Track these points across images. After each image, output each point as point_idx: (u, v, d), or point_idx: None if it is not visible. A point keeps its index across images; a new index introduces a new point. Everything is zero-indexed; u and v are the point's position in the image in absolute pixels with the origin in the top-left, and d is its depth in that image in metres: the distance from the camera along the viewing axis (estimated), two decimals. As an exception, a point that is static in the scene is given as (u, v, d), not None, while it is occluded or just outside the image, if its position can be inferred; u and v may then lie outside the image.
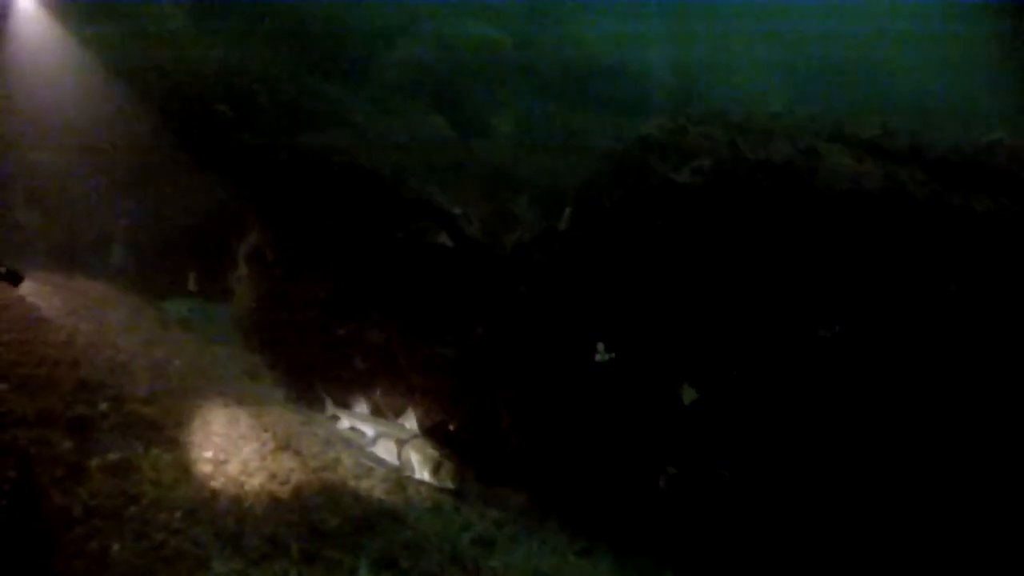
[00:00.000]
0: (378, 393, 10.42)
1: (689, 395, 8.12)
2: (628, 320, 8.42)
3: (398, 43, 19.67)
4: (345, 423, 10.23)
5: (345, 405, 10.48)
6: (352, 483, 8.67)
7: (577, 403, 8.72)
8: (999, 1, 18.32)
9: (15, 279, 5.51)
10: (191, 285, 12.98)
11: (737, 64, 22.53)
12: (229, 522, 7.45)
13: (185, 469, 7.98)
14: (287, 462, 8.51)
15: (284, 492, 7.99)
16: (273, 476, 8.19)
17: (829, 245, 8.05)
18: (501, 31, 21.19)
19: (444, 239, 10.71)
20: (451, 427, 9.91)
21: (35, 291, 9.93)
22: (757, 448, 8.02)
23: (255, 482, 8.05)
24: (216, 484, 7.89)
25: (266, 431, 8.99)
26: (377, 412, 10.34)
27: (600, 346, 8.37)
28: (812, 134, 9.38)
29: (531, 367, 9.36)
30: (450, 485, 9.18)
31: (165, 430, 8.39)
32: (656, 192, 8.70)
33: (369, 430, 9.95)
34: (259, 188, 12.38)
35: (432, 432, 9.83)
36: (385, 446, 9.57)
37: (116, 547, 6.80)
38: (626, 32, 22.76)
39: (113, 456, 7.79)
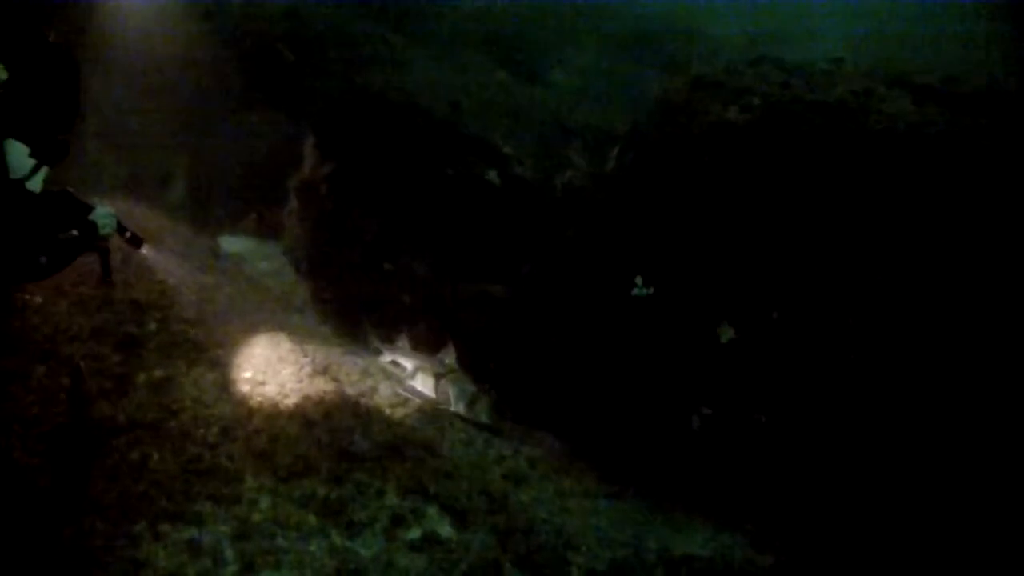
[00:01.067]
0: (422, 328, 10.49)
1: (727, 334, 7.97)
2: (670, 258, 8.29)
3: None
4: (387, 356, 10.33)
5: (389, 339, 10.57)
6: (386, 411, 8.76)
7: (616, 341, 8.64)
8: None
9: (137, 242, 5.70)
10: (248, 225, 13.23)
11: (815, 34, 21.82)
12: (263, 440, 7.60)
13: (224, 388, 8.16)
14: (323, 386, 8.62)
15: (317, 414, 8.11)
16: (308, 398, 8.31)
17: (882, 188, 7.76)
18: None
19: (493, 177, 10.68)
20: (491, 364, 9.92)
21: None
22: (794, 394, 7.85)
23: (290, 403, 8.19)
24: (253, 403, 8.06)
25: (306, 356, 9.13)
26: (419, 347, 10.40)
27: (638, 280, 8.25)
28: (871, 78, 9.02)
29: (575, 307, 9.30)
30: (485, 420, 9.22)
31: (208, 351, 8.59)
32: (703, 129, 8.51)
33: (409, 364, 10.03)
34: (313, 124, 12.48)
35: (471, 368, 9.86)
36: (424, 379, 9.65)
37: (156, 457, 7.02)
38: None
39: (158, 373, 8.03)
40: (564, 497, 8.48)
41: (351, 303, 11.19)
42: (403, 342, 10.50)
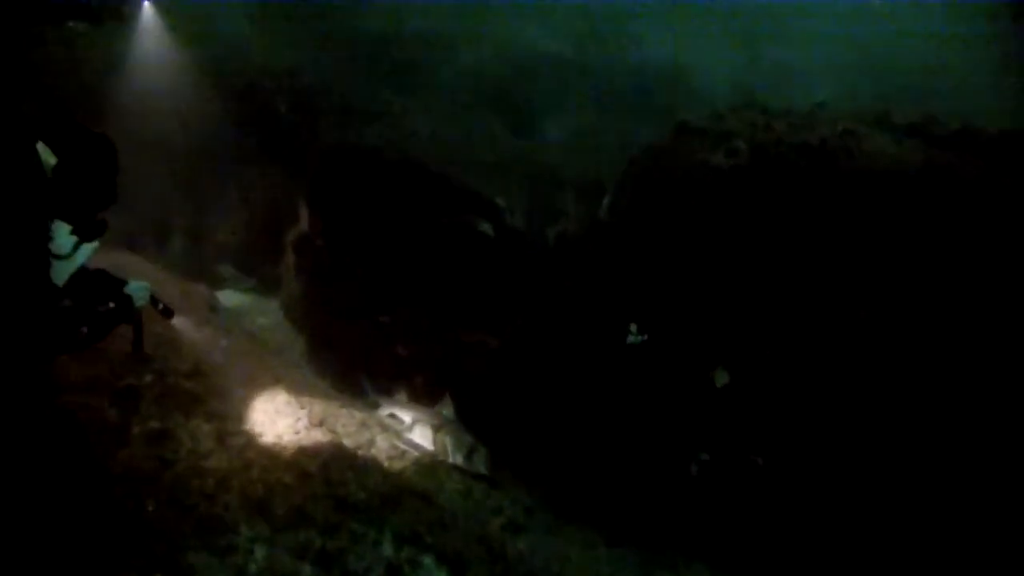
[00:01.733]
0: (419, 380, 10.52)
1: (722, 379, 7.99)
2: (662, 303, 8.35)
3: (458, 48, 19.93)
4: (385, 409, 10.33)
5: (386, 392, 10.59)
6: (383, 463, 8.75)
7: (612, 389, 8.66)
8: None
9: (169, 314, 6.00)
10: (227, 274, 13.31)
11: (802, 67, 22.18)
12: (258, 490, 7.56)
13: (221, 439, 8.14)
14: (320, 438, 8.61)
15: (314, 466, 8.08)
16: (305, 450, 8.29)
17: (867, 226, 7.87)
18: (561, 36, 21.33)
19: (487, 229, 10.79)
20: (488, 415, 9.92)
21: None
22: (791, 434, 7.85)
23: (287, 455, 8.17)
24: (250, 455, 8.03)
25: (302, 408, 9.14)
26: (416, 399, 10.42)
27: (632, 327, 8.31)
28: (852, 119, 9.19)
29: (571, 356, 9.33)
30: (483, 471, 9.20)
31: (205, 403, 8.59)
32: (689, 175, 8.65)
33: (407, 416, 10.03)
34: (310, 180, 12.67)
35: (469, 420, 9.86)
36: (422, 431, 9.64)
37: (151, 507, 7.00)
38: (688, 32, 22.64)
39: (154, 424, 8.01)
40: (563, 546, 8.45)
41: (348, 356, 11.23)
42: (401, 394, 10.53)
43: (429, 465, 9.05)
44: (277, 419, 8.76)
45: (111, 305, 5.19)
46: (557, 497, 9.33)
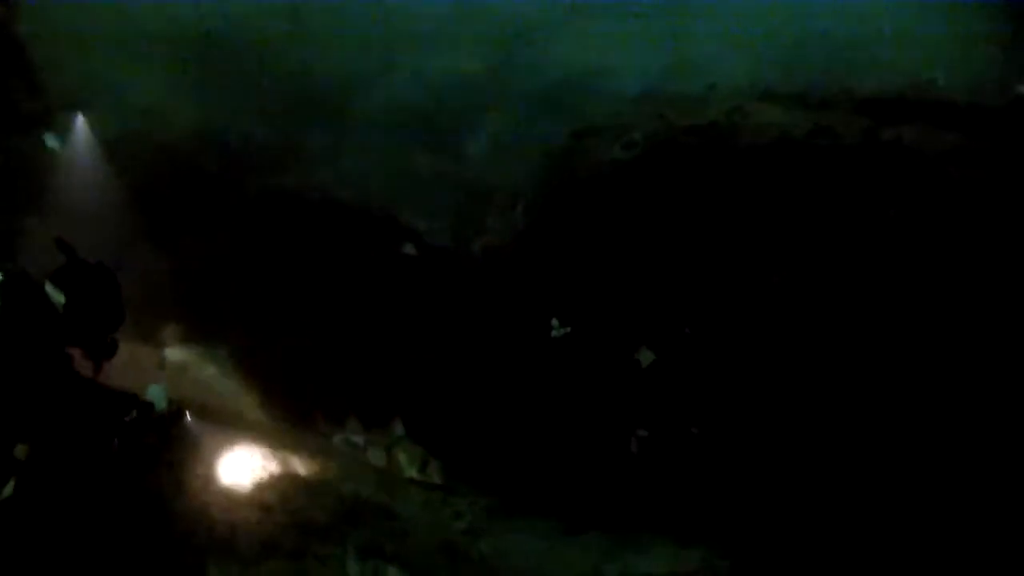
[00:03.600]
0: (368, 406, 10.75)
1: (647, 358, 8.37)
2: (581, 296, 8.73)
3: (374, 83, 20.15)
4: (336, 437, 10.56)
5: (338, 421, 10.81)
6: (339, 485, 8.98)
7: (546, 383, 8.99)
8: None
9: (177, 417, 6.42)
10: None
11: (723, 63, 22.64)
12: (223, 529, 7.77)
13: (179, 485, 8.33)
14: (277, 471, 8.84)
15: (272, 498, 8.31)
16: (263, 485, 8.52)
17: (763, 194, 8.34)
18: (474, 58, 21.59)
19: (410, 249, 11.10)
20: (437, 428, 10.19)
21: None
22: (721, 401, 8.25)
23: (245, 492, 8.39)
24: (208, 497, 8.22)
25: (256, 446, 9.34)
26: (368, 423, 10.66)
27: (554, 322, 8.67)
28: (743, 96, 9.67)
29: (505, 360, 9.66)
30: (438, 481, 9.48)
31: (160, 452, 8.77)
32: (593, 172, 9.07)
33: (360, 440, 10.27)
34: (243, 230, 12.89)
35: (419, 434, 10.13)
36: (375, 452, 9.90)
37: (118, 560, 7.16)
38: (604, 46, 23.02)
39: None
40: (524, 541, 8.69)
41: (298, 390, 11.44)
42: (352, 422, 10.75)
43: (385, 482, 9.31)
44: (233, 460, 8.95)
45: (134, 414, 5.55)
46: (513, 495, 9.60)
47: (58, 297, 4.71)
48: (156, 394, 5.81)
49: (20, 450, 4.59)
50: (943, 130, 8.93)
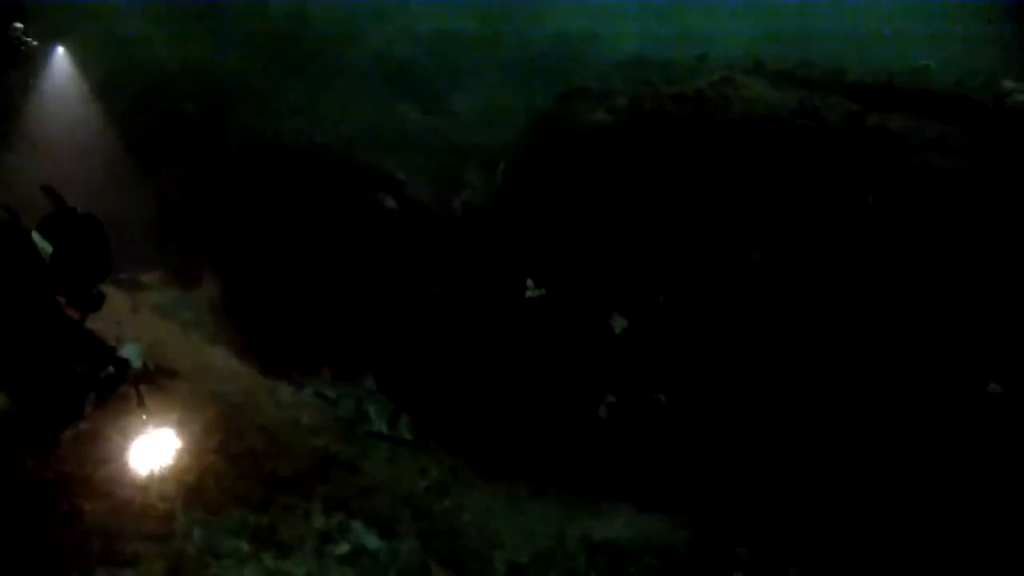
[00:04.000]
0: (341, 357, 10.80)
1: (620, 324, 8.43)
2: (556, 258, 8.76)
3: (366, 38, 20.00)
4: (309, 389, 10.60)
5: (309, 372, 10.86)
6: (309, 438, 9.04)
7: (518, 345, 9.05)
8: None
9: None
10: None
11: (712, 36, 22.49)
12: (191, 477, 7.82)
13: (150, 433, 8.36)
14: (246, 422, 8.87)
15: (240, 448, 8.35)
16: (232, 434, 8.56)
17: (745, 168, 8.36)
18: (466, 12, 21.46)
19: (391, 203, 11.08)
20: (408, 383, 10.26)
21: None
22: (691, 370, 8.34)
23: (215, 440, 8.42)
24: (180, 444, 8.25)
25: (228, 395, 9.38)
26: (340, 376, 10.71)
27: (529, 282, 8.70)
28: (729, 69, 9.65)
29: (480, 319, 9.71)
30: (407, 436, 9.56)
31: (130, 399, 8.78)
32: (576, 134, 9.06)
33: (332, 393, 10.32)
34: (222, 176, 12.81)
35: (391, 390, 10.20)
36: (346, 405, 9.96)
37: (87, 506, 7.21)
38: (598, 8, 22.87)
39: (83, 425, 8.20)
40: (488, 501, 8.83)
41: (271, 340, 11.47)
42: (324, 372, 10.80)
43: (353, 436, 9.38)
44: (204, 407, 8.99)
45: (111, 369, 5.55)
46: (480, 455, 9.71)
47: (45, 247, 4.70)
48: (132, 352, 5.83)
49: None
50: (930, 119, 8.97)
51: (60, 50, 14.23)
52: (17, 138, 13.48)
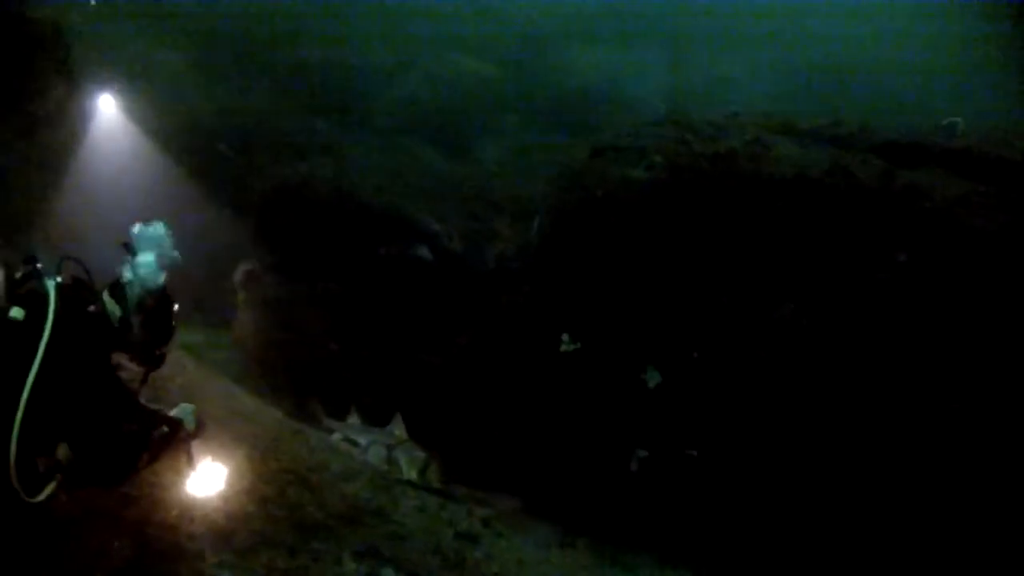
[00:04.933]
0: (369, 403, 10.82)
1: (654, 379, 8.46)
2: (592, 313, 8.82)
3: (394, 81, 20.36)
4: (338, 434, 10.62)
5: (338, 417, 10.88)
6: (339, 484, 9.03)
7: (551, 396, 9.08)
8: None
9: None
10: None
11: (733, 88, 22.74)
12: (220, 519, 7.82)
13: (179, 472, 8.37)
14: (276, 465, 8.88)
15: (270, 491, 8.34)
16: (262, 476, 8.55)
17: (778, 227, 8.45)
18: (491, 62, 21.81)
19: (425, 253, 11.18)
20: (438, 431, 10.27)
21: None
22: (722, 426, 8.35)
23: (245, 482, 8.42)
24: (210, 485, 8.26)
25: (257, 437, 9.39)
26: (369, 421, 10.73)
27: (565, 336, 8.76)
28: (762, 128, 9.78)
29: (511, 369, 9.74)
30: (436, 485, 9.53)
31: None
32: (612, 190, 9.18)
33: (361, 439, 10.33)
34: (255, 219, 12.97)
35: (421, 437, 10.20)
36: (376, 452, 9.95)
37: (116, 544, 7.22)
38: (621, 60, 23.20)
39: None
40: (517, 551, 8.79)
41: (300, 384, 11.52)
42: (353, 418, 10.82)
43: (383, 483, 9.37)
44: (233, 448, 9.00)
45: (164, 429, 5.65)
46: (511, 505, 9.69)
47: (115, 310, 4.76)
48: (185, 412, 5.91)
49: (62, 450, 4.69)
50: (958, 176, 9.04)
51: (106, 97, 14.51)
52: (74, 183, 13.70)
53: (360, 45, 20.19)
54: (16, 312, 4.52)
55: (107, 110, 14.46)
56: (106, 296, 4.81)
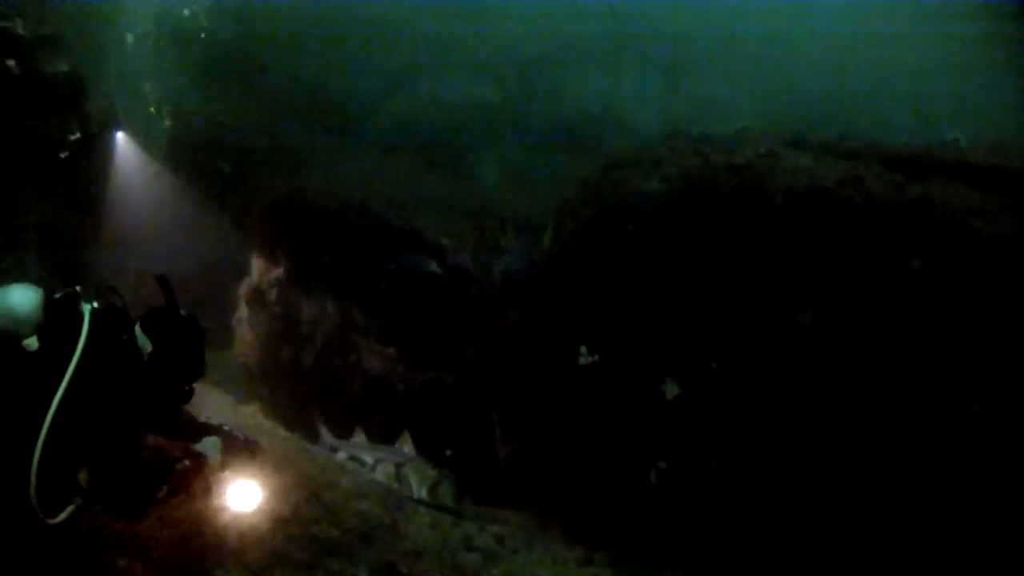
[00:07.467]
0: (376, 420, 10.69)
1: (672, 390, 8.38)
2: (609, 324, 8.75)
3: (395, 100, 20.44)
4: (343, 453, 10.47)
5: (343, 435, 10.74)
6: (351, 502, 8.88)
7: (566, 409, 8.98)
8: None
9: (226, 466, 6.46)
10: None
11: (727, 109, 22.94)
12: (232, 537, 7.66)
13: (187, 491, 8.22)
14: (286, 482, 8.73)
15: (283, 509, 8.20)
16: (273, 494, 8.39)
17: (794, 237, 8.45)
18: (488, 83, 21.93)
19: (435, 268, 11.10)
20: (448, 449, 10.15)
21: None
22: (742, 437, 8.26)
23: (255, 500, 8.27)
24: (217, 503, 8.11)
25: (264, 455, 9.22)
26: (375, 439, 10.59)
27: (583, 349, 8.68)
28: (773, 141, 9.82)
29: (522, 383, 9.64)
30: (449, 503, 9.40)
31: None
32: (627, 201, 9.15)
33: (368, 457, 10.19)
34: (259, 233, 12.88)
35: (430, 454, 10.07)
36: (384, 470, 9.82)
37: (123, 563, 7.04)
38: (616, 83, 23.42)
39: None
40: (535, 568, 8.64)
41: (304, 401, 11.37)
42: (359, 436, 10.68)
43: (395, 501, 9.22)
44: (240, 467, 8.84)
45: (186, 463, 5.58)
46: (526, 522, 9.56)
47: (146, 344, 4.75)
48: (210, 447, 5.85)
49: (82, 476, 4.60)
50: (969, 188, 9.10)
51: (120, 135, 14.47)
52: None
53: (363, 67, 20.29)
54: (30, 341, 4.41)
55: (124, 147, 14.47)
56: (138, 329, 4.73)
